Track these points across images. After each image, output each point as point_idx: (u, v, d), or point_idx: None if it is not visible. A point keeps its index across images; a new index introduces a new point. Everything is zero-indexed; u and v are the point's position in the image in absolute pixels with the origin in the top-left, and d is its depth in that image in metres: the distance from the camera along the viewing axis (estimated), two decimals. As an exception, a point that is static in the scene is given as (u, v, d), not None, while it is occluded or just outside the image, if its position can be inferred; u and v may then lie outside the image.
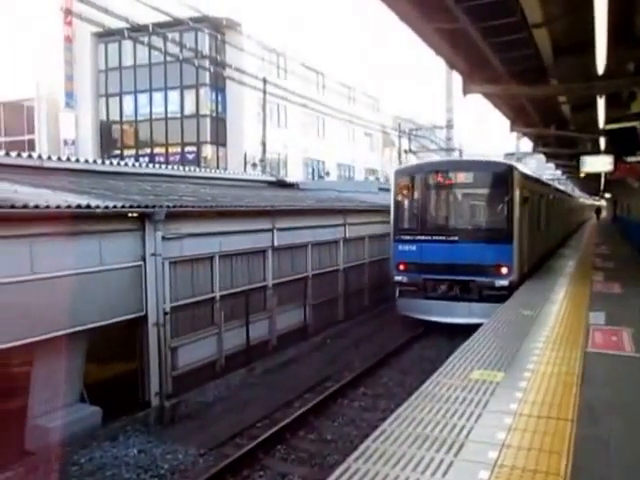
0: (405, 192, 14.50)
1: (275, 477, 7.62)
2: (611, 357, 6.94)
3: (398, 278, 14.27)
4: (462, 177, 13.92)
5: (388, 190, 25.36)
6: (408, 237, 14.16)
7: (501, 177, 13.59)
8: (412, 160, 33.87)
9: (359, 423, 9.27)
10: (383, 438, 4.52)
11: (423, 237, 13.99)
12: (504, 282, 13.01)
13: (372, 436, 4.59)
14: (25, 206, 7.50)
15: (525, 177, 14.94)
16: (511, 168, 13.84)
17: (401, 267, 14.20)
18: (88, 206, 8.49)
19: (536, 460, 4.18)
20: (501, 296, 12.03)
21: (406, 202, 14.54)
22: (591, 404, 5.31)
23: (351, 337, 14.59)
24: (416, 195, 14.40)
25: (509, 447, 4.38)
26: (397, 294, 14.51)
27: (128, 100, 38.18)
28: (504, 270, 13.11)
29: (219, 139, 36.24)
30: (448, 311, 13.39)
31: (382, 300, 18.26)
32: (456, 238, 13.64)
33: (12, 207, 7.34)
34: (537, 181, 18.44)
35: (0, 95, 37.91)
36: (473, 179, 13.93)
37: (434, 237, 13.90)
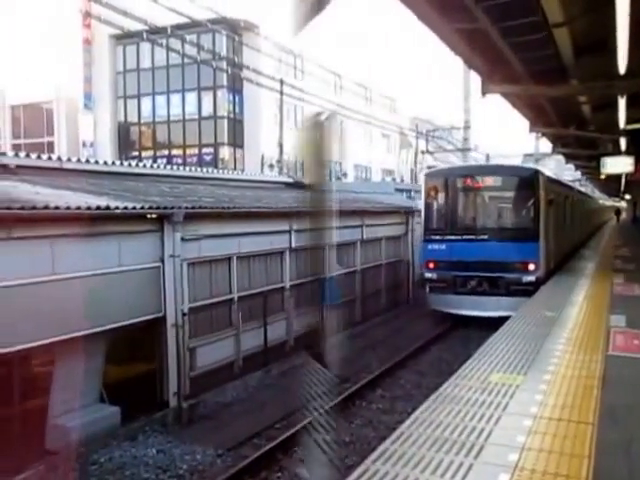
0: (435, 194, 15.05)
1: (293, 478, 7.62)
2: (633, 360, 6.83)
3: (428, 275, 14.85)
4: (491, 181, 14.70)
5: (404, 191, 25.44)
6: (438, 237, 14.77)
7: (528, 181, 14.33)
8: (429, 161, 33.73)
9: (377, 425, 9.26)
10: (402, 440, 4.49)
11: (453, 237, 14.61)
12: (531, 278, 13.60)
13: (391, 438, 4.56)
14: (46, 207, 7.58)
15: (549, 180, 15.54)
16: (537, 172, 14.60)
17: (431, 265, 14.79)
18: (107, 207, 8.56)
19: (557, 463, 4.13)
20: (527, 291, 12.59)
21: (436, 204, 15.17)
22: (612, 407, 5.24)
23: (369, 339, 14.54)
24: (446, 197, 15.03)
25: (529, 450, 4.33)
26: (427, 290, 15.06)
27: (146, 102, 38.40)
28: (531, 267, 13.76)
29: (236, 140, 36.34)
30: (478, 305, 13.90)
31: (399, 302, 18.21)
32: (486, 237, 14.27)
33: (33, 208, 7.43)
34: (560, 184, 18.99)
35: (20, 97, 38.37)
36: (502, 182, 14.70)
37: (464, 237, 14.50)
